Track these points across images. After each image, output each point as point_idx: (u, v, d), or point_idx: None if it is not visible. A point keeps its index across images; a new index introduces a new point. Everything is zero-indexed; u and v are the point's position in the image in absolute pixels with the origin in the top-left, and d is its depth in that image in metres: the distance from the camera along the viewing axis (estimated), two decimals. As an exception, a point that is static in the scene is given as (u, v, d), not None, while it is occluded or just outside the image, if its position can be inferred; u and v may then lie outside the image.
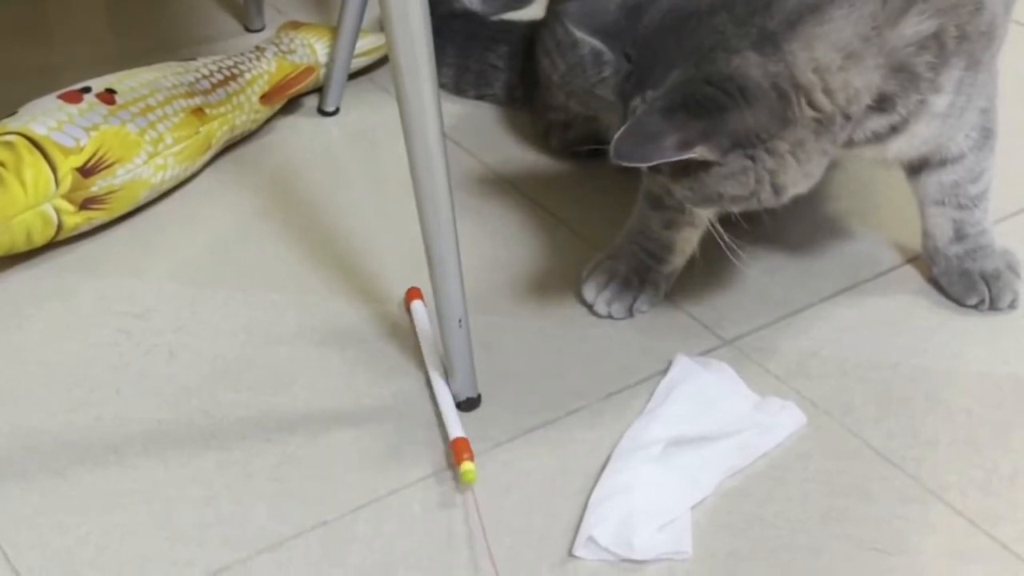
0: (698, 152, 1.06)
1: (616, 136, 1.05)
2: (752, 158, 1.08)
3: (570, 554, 1.08)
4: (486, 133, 1.61)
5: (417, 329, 1.28)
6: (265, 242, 1.44)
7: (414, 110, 1.13)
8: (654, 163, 1.07)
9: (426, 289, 1.22)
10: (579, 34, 1.17)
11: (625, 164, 1.06)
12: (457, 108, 1.63)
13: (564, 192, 1.50)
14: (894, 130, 1.16)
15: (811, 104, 1.08)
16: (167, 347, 1.30)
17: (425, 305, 1.28)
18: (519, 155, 1.57)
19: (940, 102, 1.15)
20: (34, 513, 1.13)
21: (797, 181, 1.11)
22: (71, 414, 1.23)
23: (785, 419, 1.19)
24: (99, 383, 1.26)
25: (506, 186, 1.51)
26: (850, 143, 1.15)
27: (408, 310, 1.31)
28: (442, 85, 1.58)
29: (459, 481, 1.12)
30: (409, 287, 1.32)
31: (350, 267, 1.40)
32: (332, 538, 1.11)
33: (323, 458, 1.18)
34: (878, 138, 1.16)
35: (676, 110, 1.06)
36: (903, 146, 1.19)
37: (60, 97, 1.44)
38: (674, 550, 1.08)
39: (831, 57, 1.07)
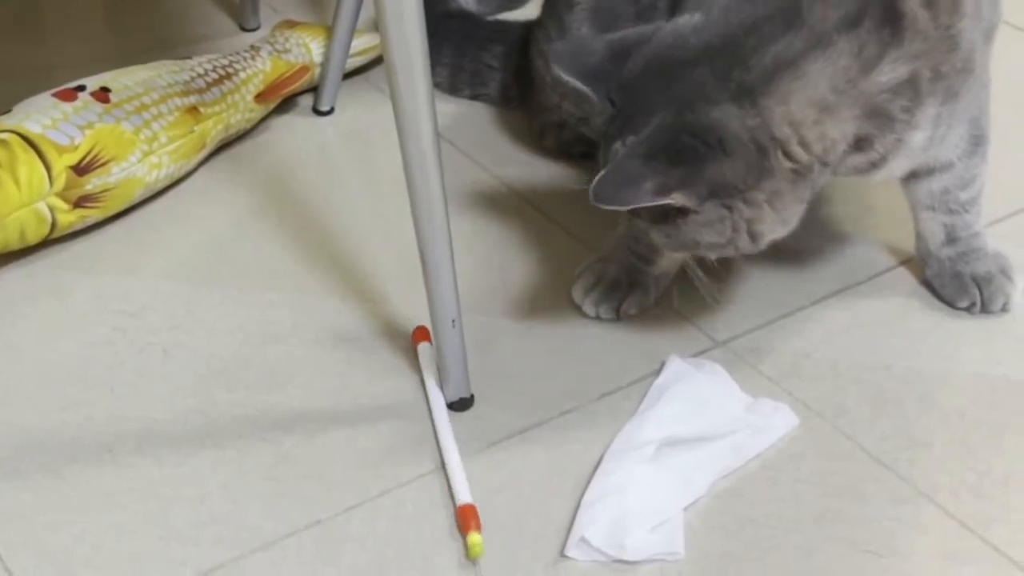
0: (675, 199, 1.08)
1: (596, 179, 1.07)
2: (729, 207, 1.09)
3: (562, 555, 1.08)
4: (480, 133, 1.61)
5: (424, 378, 1.24)
6: (260, 241, 1.44)
7: (408, 110, 1.13)
8: (632, 207, 1.09)
9: (420, 289, 1.22)
10: (564, 77, 1.17)
11: (603, 207, 1.07)
12: (452, 108, 1.63)
13: (558, 193, 1.50)
14: (874, 166, 1.17)
15: (788, 156, 1.10)
16: (162, 346, 1.30)
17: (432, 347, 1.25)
18: (513, 155, 1.57)
19: (918, 138, 1.16)
20: (28, 512, 1.13)
21: (775, 228, 1.13)
22: (65, 412, 1.23)
23: (778, 421, 1.20)
24: (94, 381, 1.26)
25: (500, 186, 1.52)
26: (832, 175, 1.17)
27: (415, 350, 1.27)
28: (437, 84, 1.58)
29: (466, 554, 1.08)
30: (417, 326, 1.28)
31: (345, 266, 1.40)
32: (326, 537, 1.11)
33: (317, 457, 1.18)
34: (859, 172, 1.18)
35: (656, 156, 1.07)
36: (885, 175, 1.21)
37: (55, 95, 1.44)
38: (666, 551, 1.08)
39: (806, 112, 1.09)
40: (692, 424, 1.17)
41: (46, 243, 1.41)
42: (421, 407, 1.22)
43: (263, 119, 1.61)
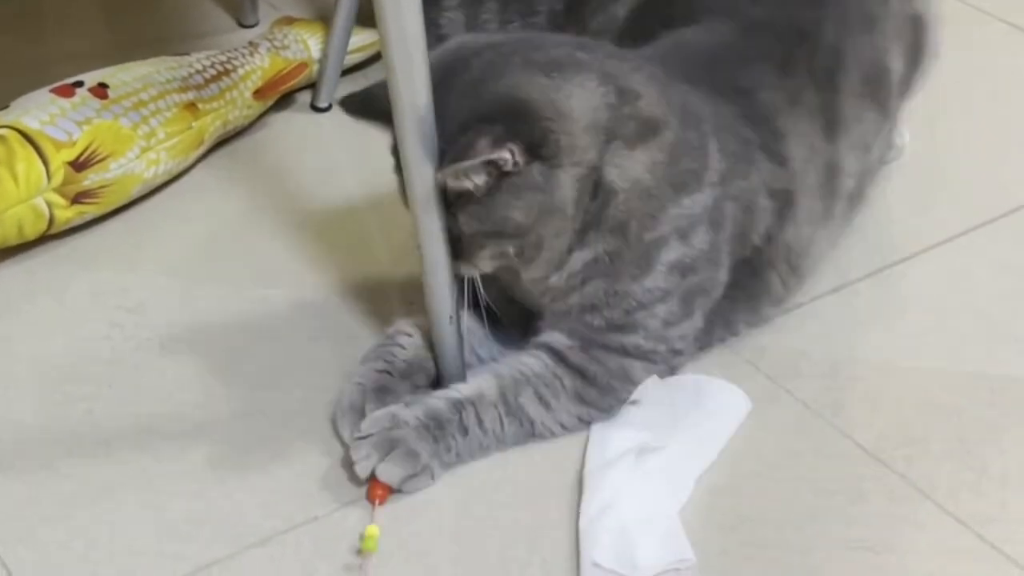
0: (509, 148, 1.10)
1: (442, 162, 1.12)
2: (543, 176, 1.12)
3: None
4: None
5: None
6: (257, 237, 1.44)
7: (406, 107, 1.13)
8: (478, 159, 1.10)
9: (418, 285, 1.22)
10: (361, 120, 1.21)
11: (451, 165, 1.10)
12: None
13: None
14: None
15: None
16: (159, 341, 1.30)
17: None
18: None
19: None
20: (24, 506, 1.13)
21: (559, 243, 1.16)
22: (62, 407, 1.23)
23: (727, 399, 1.20)
24: (91, 376, 1.26)
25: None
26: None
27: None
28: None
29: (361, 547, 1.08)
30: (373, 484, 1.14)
31: (342, 262, 1.40)
32: (323, 533, 1.11)
33: (315, 453, 1.18)
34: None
35: (472, 122, 1.11)
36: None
37: (53, 91, 1.44)
38: (678, 559, 1.08)
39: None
40: (656, 428, 1.17)
41: (44, 239, 1.41)
42: (419, 403, 1.22)
43: (261, 115, 1.61)
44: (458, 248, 1.16)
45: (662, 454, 1.15)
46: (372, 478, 1.12)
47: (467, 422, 1.15)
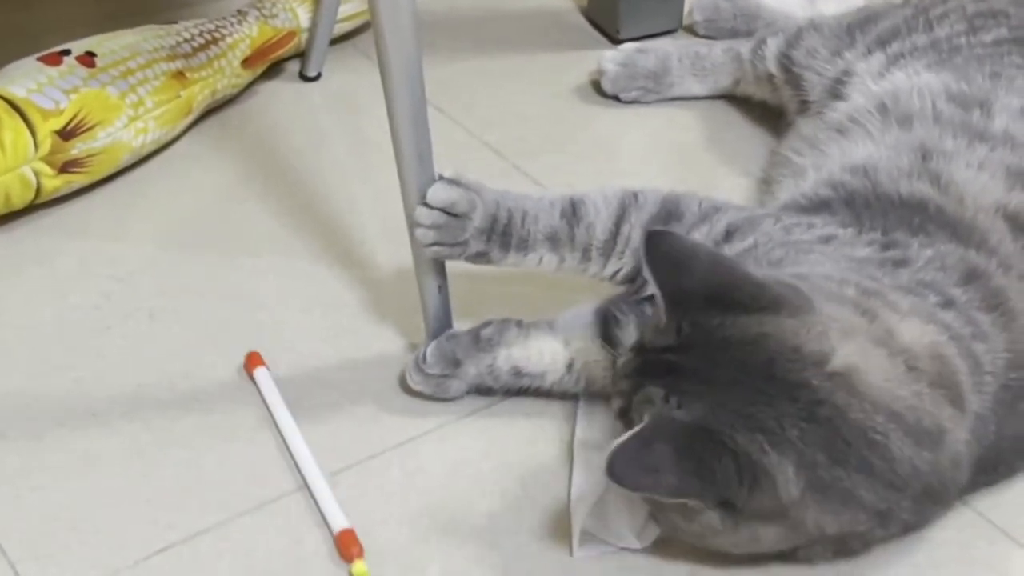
0: (688, 503, 0.98)
1: (618, 445, 0.95)
2: (722, 523, 0.99)
3: (571, 555, 1.07)
4: (468, 98, 1.60)
5: (267, 402, 1.19)
6: (246, 207, 1.44)
7: (396, 76, 1.13)
8: (640, 493, 1.00)
9: (407, 255, 1.22)
10: (649, 267, 1.01)
11: (613, 481, 0.96)
12: (439, 73, 1.62)
13: (548, 158, 1.50)
14: None
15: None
16: (148, 311, 1.30)
17: (270, 371, 1.21)
18: (501, 120, 1.57)
19: None
20: (13, 475, 1.13)
21: (736, 551, 1.04)
22: (52, 377, 1.23)
23: None
24: (80, 346, 1.26)
25: (488, 152, 1.51)
26: None
27: (252, 378, 1.21)
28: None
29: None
30: (249, 352, 1.22)
31: (331, 232, 1.40)
32: (312, 501, 1.11)
33: (303, 421, 1.18)
34: None
35: (689, 458, 0.95)
36: None
37: (40, 59, 1.44)
38: None
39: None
40: None
41: (31, 208, 1.41)
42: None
43: (250, 84, 1.61)
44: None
45: None
46: (342, 533, 1.07)
47: (526, 388, 1.18)
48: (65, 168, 1.39)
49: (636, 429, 0.97)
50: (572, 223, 1.17)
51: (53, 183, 1.39)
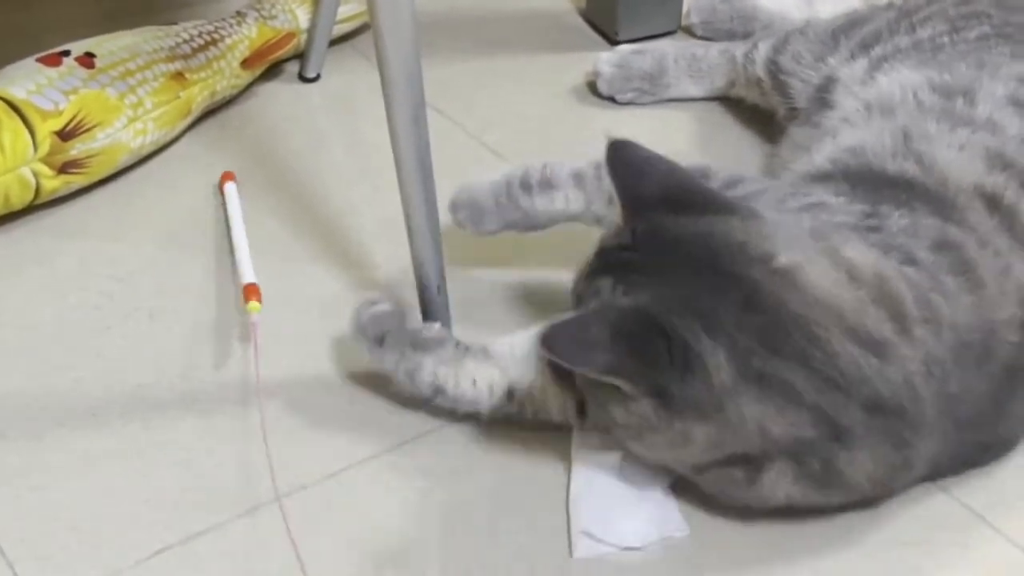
0: (618, 383, 0.99)
1: (559, 322, 0.98)
2: (656, 415, 1.00)
3: (572, 556, 1.07)
4: (468, 100, 1.61)
5: (228, 214, 1.37)
6: (245, 208, 1.44)
7: (395, 77, 1.13)
8: (574, 368, 1.01)
9: (406, 255, 1.22)
10: (611, 174, 1.06)
11: (547, 354, 1.00)
12: (438, 74, 1.62)
13: (547, 160, 1.50)
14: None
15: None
16: (148, 311, 1.30)
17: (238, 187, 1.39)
18: (501, 122, 1.57)
19: None
20: (12, 475, 1.13)
21: (666, 454, 1.05)
22: (51, 377, 1.23)
23: None
24: (80, 346, 1.26)
25: (487, 153, 1.52)
26: None
27: (222, 193, 1.41)
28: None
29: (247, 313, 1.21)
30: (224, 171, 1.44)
31: (330, 233, 1.40)
32: (311, 503, 1.11)
33: (302, 423, 1.18)
34: None
35: (625, 338, 0.97)
36: None
37: (39, 60, 1.44)
38: (672, 529, 1.08)
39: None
40: None
41: (30, 209, 1.41)
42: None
43: (249, 86, 1.61)
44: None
45: None
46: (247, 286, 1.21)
47: (441, 404, 1.16)
48: (64, 169, 1.39)
49: (579, 312, 1.01)
50: (597, 167, 1.21)
51: (52, 184, 1.39)
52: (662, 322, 0.97)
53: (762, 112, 1.55)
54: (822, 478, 1.02)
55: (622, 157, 1.05)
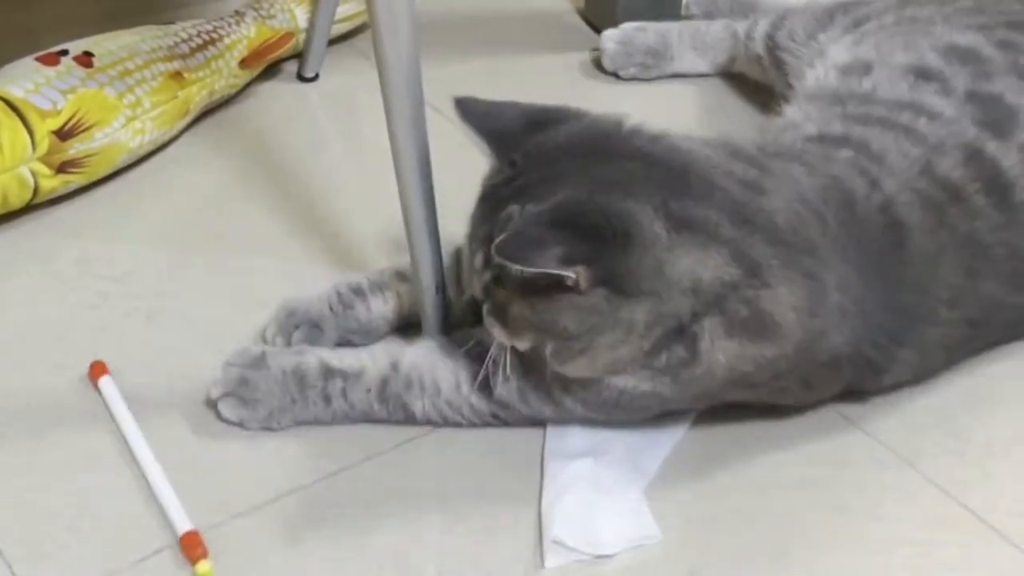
0: (576, 271, 1.01)
1: (501, 238, 1.01)
2: (609, 301, 1.03)
3: (543, 566, 1.06)
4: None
5: (114, 414, 1.17)
6: (244, 207, 1.44)
7: (394, 77, 1.13)
8: (536, 270, 1.01)
9: (405, 254, 1.22)
10: (468, 126, 1.12)
11: (507, 262, 1.01)
12: (437, 74, 1.62)
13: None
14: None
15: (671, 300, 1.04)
16: (146, 311, 1.30)
17: (113, 380, 1.19)
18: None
19: None
20: (12, 474, 1.13)
21: (607, 356, 1.06)
22: (50, 376, 1.22)
23: None
24: (78, 345, 1.26)
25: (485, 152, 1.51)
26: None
27: (96, 387, 1.20)
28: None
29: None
30: (93, 362, 1.21)
31: (328, 233, 1.40)
32: (311, 503, 1.11)
33: (301, 424, 1.18)
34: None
35: (563, 226, 1.01)
36: None
37: (37, 59, 1.44)
38: (643, 535, 1.08)
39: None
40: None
41: (29, 208, 1.41)
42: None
43: (247, 85, 1.61)
44: (496, 314, 1.08)
45: (620, 444, 1.14)
46: (186, 535, 1.06)
47: (331, 393, 1.14)
48: (63, 168, 1.39)
49: (510, 227, 1.04)
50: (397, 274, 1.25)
51: (51, 183, 1.39)
52: (590, 205, 1.03)
53: (763, 88, 1.55)
54: (752, 324, 1.06)
55: (470, 108, 1.13)
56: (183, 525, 1.07)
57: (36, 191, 1.38)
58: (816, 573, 1.06)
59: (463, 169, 1.17)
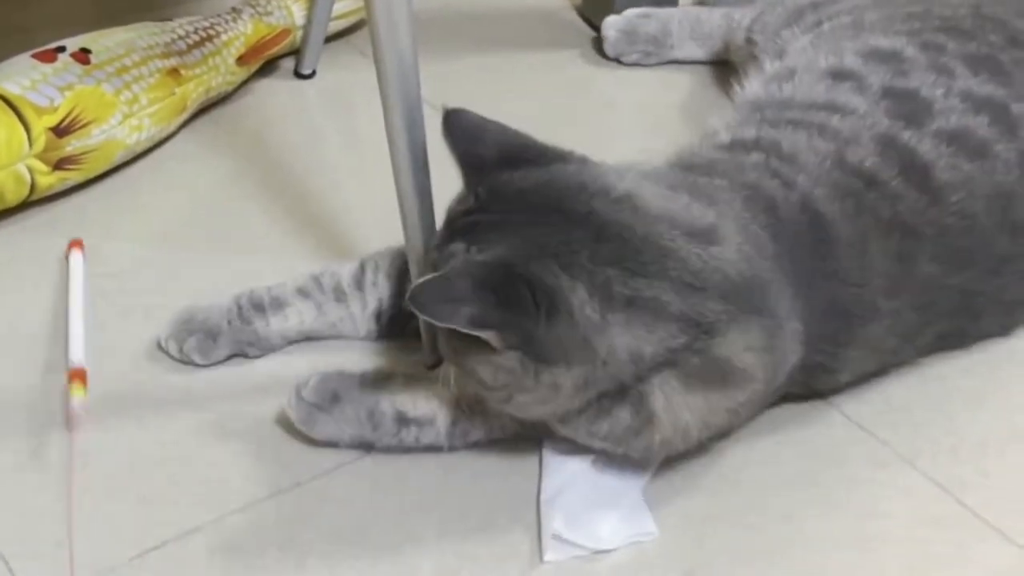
0: (485, 336, 0.99)
1: (421, 280, 1.00)
2: (523, 366, 1.01)
3: (542, 560, 1.06)
4: (463, 97, 1.60)
5: (69, 286, 1.28)
6: (241, 204, 1.44)
7: (391, 73, 1.13)
8: (442, 325, 1.00)
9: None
10: (447, 142, 1.09)
11: (415, 311, 0.99)
12: (434, 71, 1.62)
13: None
14: None
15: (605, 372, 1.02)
16: (143, 309, 1.30)
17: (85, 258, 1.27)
18: (496, 118, 1.56)
19: None
20: (8, 472, 1.13)
21: (532, 410, 1.06)
22: (46, 375, 1.22)
23: None
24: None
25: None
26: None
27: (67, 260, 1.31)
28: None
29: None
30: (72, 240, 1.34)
31: (326, 230, 1.40)
32: (305, 499, 1.11)
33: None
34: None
35: (487, 288, 0.98)
36: None
37: (34, 56, 1.44)
38: (641, 531, 1.08)
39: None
40: None
41: (25, 205, 1.41)
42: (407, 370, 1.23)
43: (244, 82, 1.61)
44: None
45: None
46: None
47: (405, 439, 1.13)
48: (59, 165, 1.39)
49: (440, 271, 1.02)
50: (317, 276, 1.24)
51: (47, 180, 1.39)
52: (521, 270, 0.99)
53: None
54: (708, 372, 1.04)
55: (457, 123, 1.09)
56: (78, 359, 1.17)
57: (33, 188, 1.38)
58: (813, 571, 1.06)
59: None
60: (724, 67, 1.63)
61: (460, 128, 1.09)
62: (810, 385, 1.16)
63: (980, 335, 1.25)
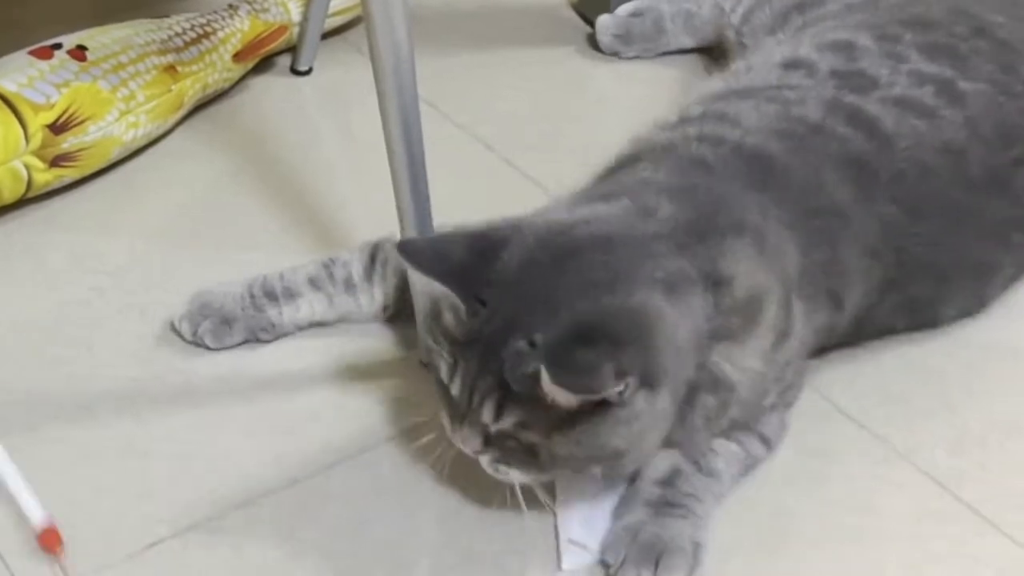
0: (628, 383, 0.97)
1: (549, 373, 0.94)
2: (648, 402, 0.99)
3: (560, 568, 1.06)
4: (460, 94, 1.60)
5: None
6: (238, 201, 1.44)
7: (388, 70, 1.13)
8: (596, 396, 0.96)
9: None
10: (425, 277, 1.05)
11: (565, 398, 0.96)
12: (431, 68, 1.62)
13: (540, 154, 1.50)
14: None
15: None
16: (140, 306, 1.30)
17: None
18: (492, 116, 1.57)
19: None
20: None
21: (655, 444, 1.04)
22: (43, 371, 1.22)
23: None
24: (72, 340, 1.26)
25: (480, 147, 1.51)
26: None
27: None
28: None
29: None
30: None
31: (323, 227, 1.40)
32: (304, 496, 1.11)
33: (296, 417, 1.18)
34: None
35: (596, 342, 0.96)
36: None
37: (31, 53, 1.43)
38: None
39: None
40: None
41: (22, 202, 1.40)
42: (401, 369, 1.23)
43: (241, 79, 1.60)
44: (513, 461, 1.02)
45: None
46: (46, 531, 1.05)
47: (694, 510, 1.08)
48: (56, 162, 1.39)
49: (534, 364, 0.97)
50: (328, 264, 1.26)
51: (44, 177, 1.39)
52: (606, 310, 0.99)
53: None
54: (740, 315, 1.05)
55: (417, 254, 1.05)
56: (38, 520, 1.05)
57: (29, 185, 1.38)
58: (810, 567, 1.06)
59: (457, 163, 1.18)
60: (719, 61, 1.63)
61: (423, 254, 1.05)
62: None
63: (954, 308, 1.25)
